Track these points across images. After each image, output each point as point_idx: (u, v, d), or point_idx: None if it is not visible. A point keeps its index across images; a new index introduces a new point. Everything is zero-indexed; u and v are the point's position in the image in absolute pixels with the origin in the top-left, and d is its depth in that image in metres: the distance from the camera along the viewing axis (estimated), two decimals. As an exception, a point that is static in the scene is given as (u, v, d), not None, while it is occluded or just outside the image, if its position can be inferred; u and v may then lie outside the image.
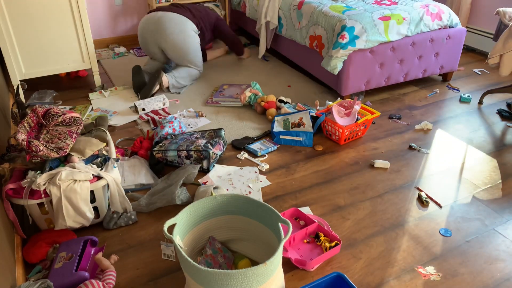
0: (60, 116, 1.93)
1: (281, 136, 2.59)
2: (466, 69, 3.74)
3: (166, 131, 2.53)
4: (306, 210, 2.06)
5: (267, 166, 2.39)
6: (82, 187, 1.72)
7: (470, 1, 3.97)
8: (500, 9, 2.80)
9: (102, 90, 3.23)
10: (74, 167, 1.75)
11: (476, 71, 3.69)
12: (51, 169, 1.76)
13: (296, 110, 2.74)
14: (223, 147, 2.46)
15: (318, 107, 2.73)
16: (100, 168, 1.85)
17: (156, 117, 2.81)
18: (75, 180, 1.71)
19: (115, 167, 1.88)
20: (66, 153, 1.83)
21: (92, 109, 3.02)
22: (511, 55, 2.64)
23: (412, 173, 2.35)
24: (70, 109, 2.99)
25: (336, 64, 2.88)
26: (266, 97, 2.92)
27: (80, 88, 3.38)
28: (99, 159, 1.90)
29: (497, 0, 3.82)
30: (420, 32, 3.13)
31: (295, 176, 2.33)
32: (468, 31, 4.09)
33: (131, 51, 4.11)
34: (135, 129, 2.79)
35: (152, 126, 2.77)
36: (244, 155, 2.51)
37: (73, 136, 1.89)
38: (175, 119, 2.62)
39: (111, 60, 3.91)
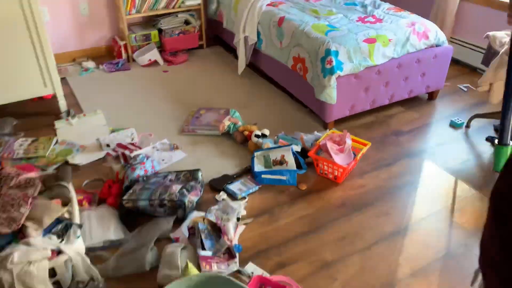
0: (13, 178, 1.70)
1: (263, 176, 2.42)
2: (452, 84, 3.63)
3: (138, 174, 2.32)
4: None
5: (243, 212, 2.21)
6: (39, 268, 1.52)
7: (454, 13, 3.84)
8: (490, 33, 2.67)
9: (69, 118, 2.97)
10: (29, 244, 1.54)
11: (461, 87, 3.58)
12: (1, 248, 1.54)
13: (277, 146, 2.56)
14: (201, 191, 2.27)
15: (305, 143, 2.57)
16: (60, 239, 1.64)
17: (127, 152, 2.59)
18: (30, 262, 1.50)
19: (79, 237, 1.67)
20: (20, 225, 1.61)
21: (57, 141, 2.77)
22: (501, 84, 2.53)
23: (401, 216, 2.22)
24: (32, 141, 2.73)
25: (332, 93, 2.71)
26: (250, 127, 2.74)
27: (45, 114, 3.11)
28: (60, 225, 1.69)
29: (481, 12, 3.70)
30: (407, 53, 2.98)
31: (280, 223, 2.17)
32: (452, 42, 3.97)
33: (100, 66, 3.82)
34: (104, 167, 2.57)
35: (123, 162, 2.55)
36: (223, 196, 2.33)
37: (29, 202, 1.67)
38: (147, 159, 2.41)
39: (78, 78, 3.62)
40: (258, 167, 2.47)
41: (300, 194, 2.37)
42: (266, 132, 2.71)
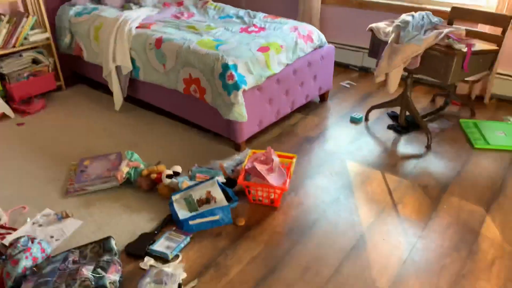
0: None
1: (191, 222, 1.99)
2: (334, 83, 3.70)
3: (24, 266, 1.66)
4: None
5: (183, 275, 1.76)
6: None
7: (318, 17, 3.97)
8: (372, 25, 2.73)
9: None
10: None
11: (344, 84, 3.68)
12: None
13: (197, 181, 2.16)
14: (120, 265, 1.73)
15: (226, 171, 2.22)
16: None
17: (-4, 240, 1.87)
18: None
19: None
20: None
21: None
22: (396, 72, 2.59)
23: (352, 226, 2.04)
24: None
25: (241, 110, 2.41)
26: (156, 168, 2.26)
27: None
28: None
29: (341, 14, 3.89)
30: (298, 58, 2.89)
31: (230, 275, 1.78)
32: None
33: None
34: (-35, 270, 1.81)
35: (-7, 256, 1.83)
36: (149, 262, 1.83)
37: None
38: (32, 242, 1.76)
39: None
40: (181, 213, 2.03)
41: (240, 232, 2.01)
42: (178, 169, 2.28)
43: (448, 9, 3.10)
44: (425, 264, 1.82)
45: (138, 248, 1.88)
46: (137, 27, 2.97)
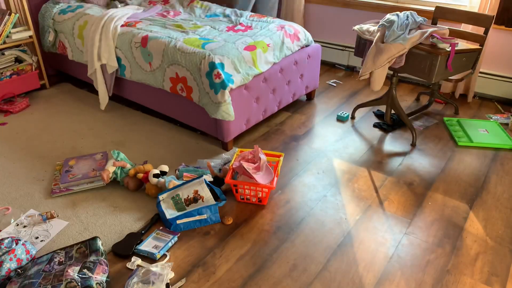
0: None
1: (178, 222, 1.98)
2: (320, 82, 3.72)
3: (8, 268, 1.64)
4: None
5: (171, 275, 1.75)
6: None
7: (302, 15, 3.98)
8: (355, 27, 2.75)
9: None
10: None
11: (330, 83, 3.70)
12: None
13: (185, 181, 2.15)
14: (107, 266, 1.72)
15: (213, 170, 2.21)
16: None
17: (-21, 241, 1.84)
18: None
19: None
20: None
21: None
22: (381, 70, 2.61)
23: (339, 222, 2.06)
24: None
25: (228, 109, 2.41)
26: (143, 167, 2.24)
27: None
28: None
29: (325, 13, 3.91)
30: (285, 57, 2.90)
31: (218, 273, 1.78)
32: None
33: None
34: None
35: (-24, 258, 1.80)
36: (137, 262, 1.82)
37: None
38: (16, 243, 1.73)
39: None
40: (169, 212, 2.02)
41: (228, 231, 2.01)
42: (165, 168, 2.26)
43: (432, 9, 3.15)
44: (411, 260, 1.84)
45: (125, 248, 1.87)
46: (122, 25, 2.94)
